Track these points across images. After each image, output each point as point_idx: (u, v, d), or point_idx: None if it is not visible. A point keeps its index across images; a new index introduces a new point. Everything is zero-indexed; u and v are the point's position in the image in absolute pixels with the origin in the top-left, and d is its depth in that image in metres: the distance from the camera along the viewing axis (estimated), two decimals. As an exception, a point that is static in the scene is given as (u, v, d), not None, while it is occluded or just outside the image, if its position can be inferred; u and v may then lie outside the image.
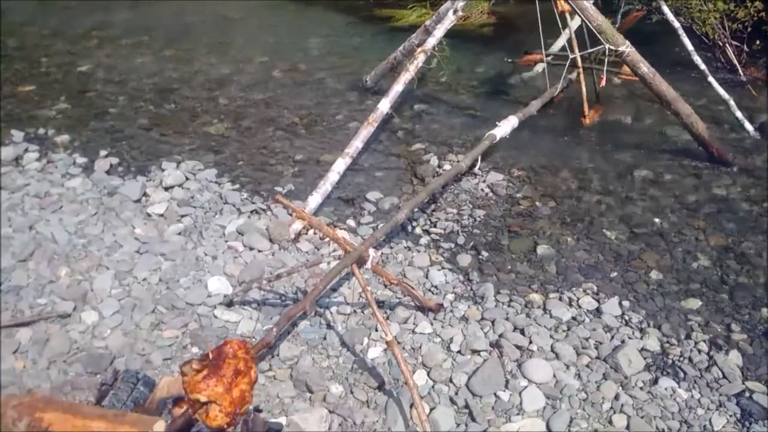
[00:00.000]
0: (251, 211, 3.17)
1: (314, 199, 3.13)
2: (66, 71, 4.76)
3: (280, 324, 2.02)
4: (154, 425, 1.67)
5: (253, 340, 2.29)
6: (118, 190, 3.19)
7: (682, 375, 2.25)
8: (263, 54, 5.25)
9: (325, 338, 2.41)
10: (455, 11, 3.91)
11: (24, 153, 3.53)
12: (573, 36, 3.95)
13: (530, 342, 2.41)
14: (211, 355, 1.49)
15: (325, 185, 3.22)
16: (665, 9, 4.14)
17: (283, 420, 2.03)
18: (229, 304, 2.53)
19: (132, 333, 2.34)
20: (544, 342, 2.40)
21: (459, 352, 2.35)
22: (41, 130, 3.82)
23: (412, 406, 2.06)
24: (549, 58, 4.25)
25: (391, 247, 2.94)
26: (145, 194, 3.20)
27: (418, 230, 3.08)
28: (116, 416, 1.71)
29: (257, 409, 2.00)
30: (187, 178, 3.37)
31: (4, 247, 2.72)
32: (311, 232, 3.04)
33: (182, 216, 3.06)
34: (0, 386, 2.08)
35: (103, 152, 3.59)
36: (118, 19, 5.89)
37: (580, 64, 3.99)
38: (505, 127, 3.55)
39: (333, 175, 3.27)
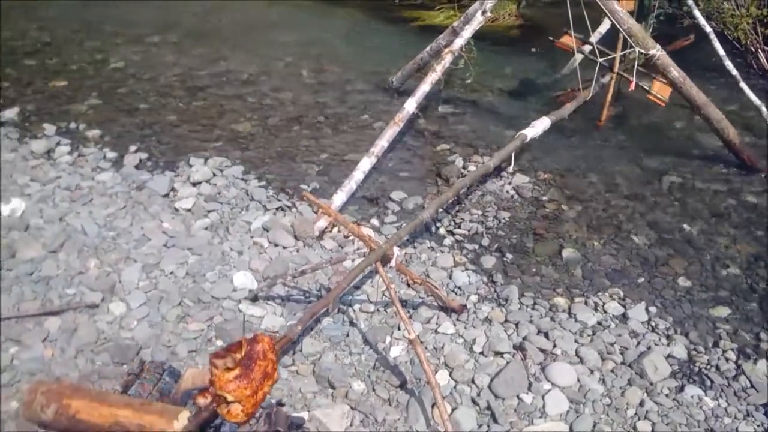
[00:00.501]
0: (277, 208, 3.19)
1: (339, 198, 3.15)
2: (97, 67, 4.83)
3: (303, 320, 2.03)
4: (178, 415, 1.69)
5: (277, 335, 2.30)
6: (146, 184, 3.23)
7: (708, 383, 2.22)
8: (290, 54, 5.29)
9: (347, 335, 2.41)
10: (484, 12, 3.90)
11: (56, 146, 3.59)
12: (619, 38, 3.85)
13: (554, 345, 2.39)
14: (243, 351, 1.50)
15: (350, 184, 3.23)
16: (696, 13, 4.09)
17: (305, 414, 2.04)
18: (254, 298, 2.55)
19: (158, 325, 2.37)
20: (568, 346, 2.39)
21: (482, 353, 2.34)
22: (72, 125, 3.89)
23: (433, 405, 2.06)
24: (588, 49, 4.03)
25: (415, 247, 2.94)
26: (173, 189, 3.24)
27: (442, 231, 3.08)
28: (142, 405, 1.74)
29: (280, 403, 2.01)
30: (214, 174, 3.40)
31: (34, 238, 2.77)
32: (335, 229, 3.06)
33: (209, 211, 3.09)
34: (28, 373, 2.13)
35: (132, 147, 3.64)
36: (148, 18, 5.97)
37: (616, 67, 3.93)
38: (537, 127, 3.53)
39: (358, 174, 3.28)
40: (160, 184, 3.24)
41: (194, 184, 3.30)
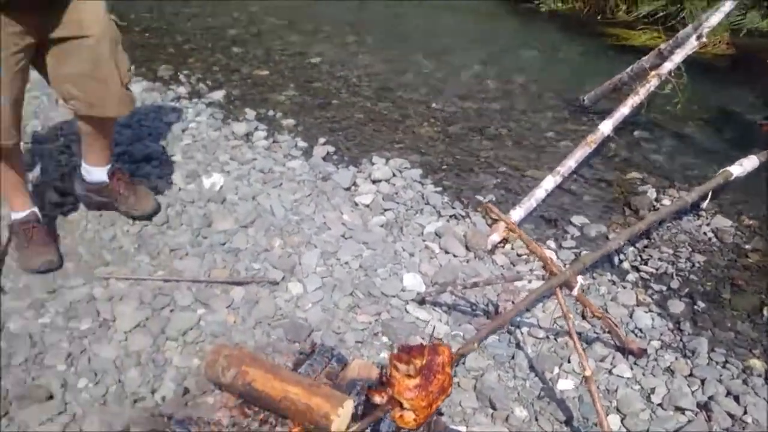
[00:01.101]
0: (450, 216, 3.17)
1: (517, 214, 3.05)
2: (296, 61, 5.15)
3: (479, 337, 1.97)
4: (344, 402, 1.70)
5: (442, 342, 2.26)
6: (331, 176, 3.36)
7: None
8: (478, 63, 5.27)
9: (513, 357, 2.32)
10: (699, 37, 3.59)
11: (254, 131, 3.86)
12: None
13: (745, 412, 2.11)
14: (425, 359, 1.47)
15: (530, 201, 3.11)
16: None
17: (462, 429, 1.99)
18: (421, 301, 2.54)
19: (330, 311, 2.44)
20: (761, 415, 2.10)
21: (660, 405, 2.13)
22: (270, 112, 4.17)
23: (602, 450, 1.90)
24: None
25: (594, 278, 2.76)
26: (354, 184, 3.34)
27: (626, 265, 2.86)
28: (311, 386, 1.78)
29: (439, 412, 1.97)
30: (394, 175, 3.46)
31: (229, 212, 2.99)
32: (508, 246, 2.97)
33: (385, 210, 3.14)
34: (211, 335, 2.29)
35: (321, 140, 3.82)
36: (348, 18, 6.26)
37: None
38: (745, 166, 3.17)
39: (540, 192, 3.15)
40: (343, 177, 3.35)
41: (374, 182, 3.38)
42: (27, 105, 2.70)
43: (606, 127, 3.35)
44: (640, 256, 2.91)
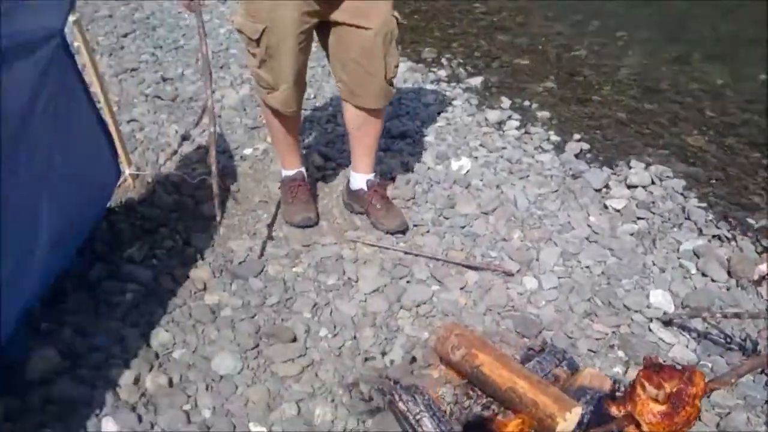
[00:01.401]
0: (713, 235, 2.82)
1: (801, 246, 2.60)
2: (559, 53, 4.98)
3: (739, 374, 1.72)
4: (572, 408, 1.62)
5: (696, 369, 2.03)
6: (582, 174, 3.21)
7: None
8: (769, 70, 4.58)
9: (766, 403, 2.00)
10: None
11: (507, 119, 3.84)
12: None
13: None
14: (675, 386, 1.33)
15: (822, 234, 2.64)
16: None
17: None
18: (668, 322, 2.31)
19: (564, 313, 2.34)
20: None
21: None
22: (526, 102, 4.10)
23: None
24: None
25: None
26: (606, 186, 3.15)
27: None
28: (539, 383, 1.73)
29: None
30: (652, 182, 3.18)
31: (473, 197, 3.02)
32: (784, 280, 2.55)
33: (638, 218, 2.91)
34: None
35: (576, 135, 3.66)
36: (619, 12, 5.88)
37: None
38: None
39: (836, 225, 2.65)
40: (595, 177, 3.17)
41: (629, 187, 3.14)
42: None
43: None
44: None
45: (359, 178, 2.80)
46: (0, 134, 1.54)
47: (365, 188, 2.78)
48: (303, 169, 2.94)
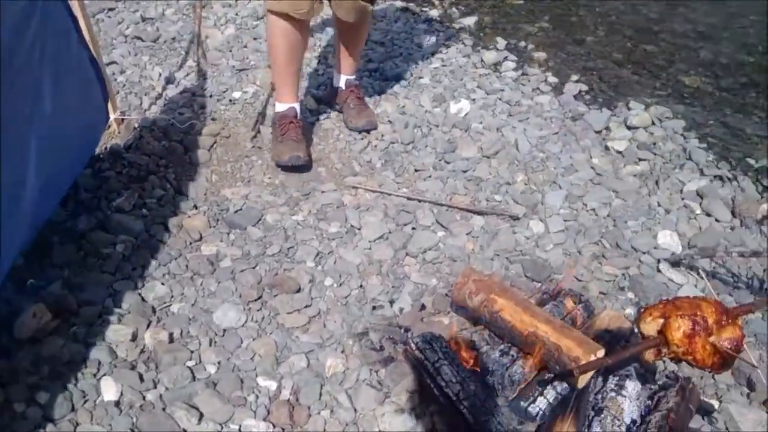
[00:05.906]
0: (715, 176, 2.79)
1: (804, 185, 2.59)
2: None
3: (758, 305, 1.72)
4: (597, 351, 1.59)
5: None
6: (582, 116, 3.14)
7: None
8: (757, 12, 4.50)
9: (778, 341, 2.00)
10: None
11: (503, 61, 3.72)
12: None
13: None
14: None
15: (825, 173, 2.62)
16: None
17: (715, 403, 1.78)
18: (676, 263, 2.29)
19: (573, 256, 2.30)
20: None
21: None
22: (521, 43, 3.98)
23: None
24: None
25: None
26: (607, 128, 3.09)
27: None
28: (562, 327, 1.69)
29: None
30: (653, 123, 3.12)
31: (473, 141, 2.93)
32: (788, 221, 2.55)
33: (640, 159, 2.86)
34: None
35: (574, 77, 3.57)
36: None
37: None
38: None
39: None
40: (596, 119, 3.10)
41: (630, 128, 3.08)
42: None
43: None
44: None
45: (340, 77, 3.02)
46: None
47: (343, 87, 3.01)
48: (296, 105, 2.79)
